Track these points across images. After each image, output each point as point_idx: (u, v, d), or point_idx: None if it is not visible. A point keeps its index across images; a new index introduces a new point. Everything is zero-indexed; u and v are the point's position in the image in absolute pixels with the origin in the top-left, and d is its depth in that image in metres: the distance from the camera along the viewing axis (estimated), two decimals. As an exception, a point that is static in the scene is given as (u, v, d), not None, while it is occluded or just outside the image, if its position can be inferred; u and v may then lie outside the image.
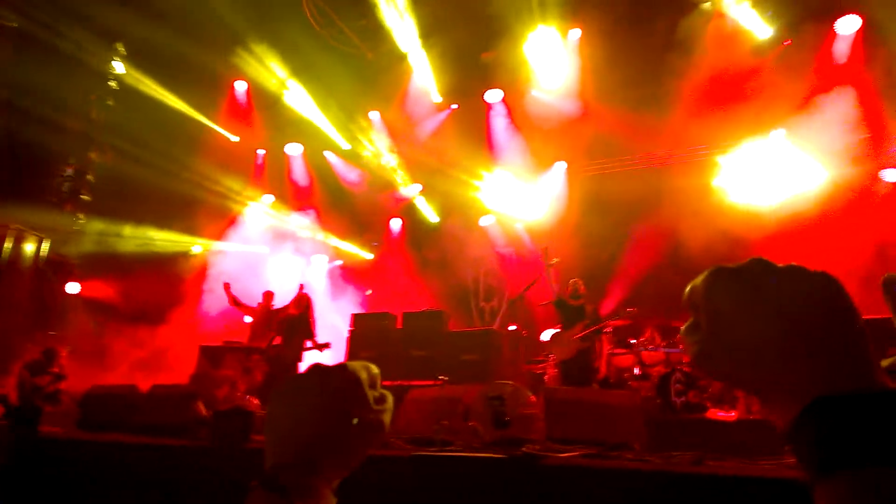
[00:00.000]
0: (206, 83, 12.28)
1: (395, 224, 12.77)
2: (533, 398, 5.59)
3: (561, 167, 11.26)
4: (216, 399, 7.54)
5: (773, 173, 9.25)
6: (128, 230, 12.10)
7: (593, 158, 11.02)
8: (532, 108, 11.21)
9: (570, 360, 7.41)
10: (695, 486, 3.94)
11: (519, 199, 11.41)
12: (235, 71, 12.14)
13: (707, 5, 9.49)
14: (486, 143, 11.66)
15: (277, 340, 8.19)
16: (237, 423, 5.43)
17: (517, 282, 10.94)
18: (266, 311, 9.16)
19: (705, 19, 9.54)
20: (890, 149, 8.80)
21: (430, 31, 11.09)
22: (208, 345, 9.42)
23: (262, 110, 12.82)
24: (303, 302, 8.38)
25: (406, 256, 12.24)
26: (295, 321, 8.27)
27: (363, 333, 9.36)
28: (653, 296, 9.59)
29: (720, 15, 9.52)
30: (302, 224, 12.31)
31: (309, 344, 8.27)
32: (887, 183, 8.75)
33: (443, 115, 12.04)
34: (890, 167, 8.75)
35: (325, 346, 8.16)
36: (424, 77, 11.68)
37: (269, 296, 9.60)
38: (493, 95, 11.56)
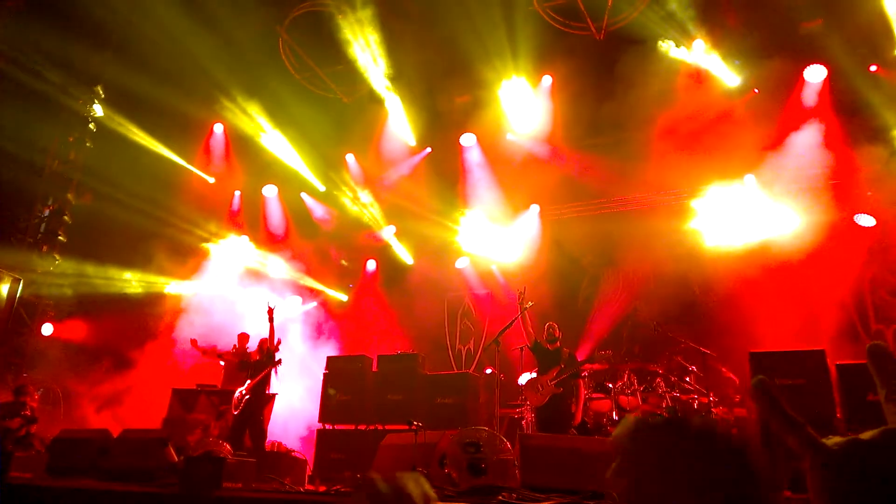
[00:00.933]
0: (183, 126, 12.33)
1: (370, 265, 12.73)
2: (508, 444, 5.52)
3: (534, 210, 11.39)
4: (188, 444, 7.33)
5: (745, 217, 9.43)
6: (103, 272, 11.91)
7: (567, 202, 11.16)
8: (506, 152, 11.38)
9: (545, 406, 7.30)
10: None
11: (494, 241, 11.48)
12: (213, 114, 12.21)
13: (676, 55, 9.79)
14: (460, 185, 11.76)
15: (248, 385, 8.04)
16: (207, 470, 5.27)
17: (493, 324, 10.93)
18: (240, 354, 9.00)
19: (675, 68, 9.84)
20: (861, 194, 9.03)
21: (405, 76, 11.31)
22: (181, 388, 9.21)
23: (239, 153, 12.85)
24: (263, 348, 8.26)
25: (381, 298, 12.17)
26: (259, 366, 8.13)
27: (338, 376, 9.22)
28: (628, 339, 9.63)
29: (689, 64, 9.82)
30: (277, 265, 12.20)
31: (271, 390, 8.17)
32: (862, 227, 8.93)
33: (417, 158, 12.16)
34: (863, 213, 8.95)
35: (277, 362, 8.12)
36: (399, 121, 11.83)
37: (243, 338, 9.47)
38: (467, 139, 11.72)
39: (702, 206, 9.82)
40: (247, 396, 7.88)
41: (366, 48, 10.64)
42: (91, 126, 12.51)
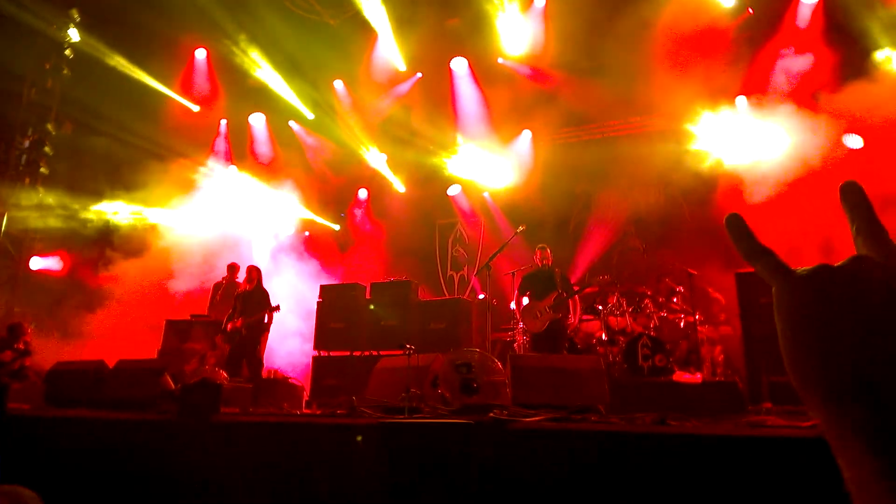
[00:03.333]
0: (164, 51, 11.91)
1: (362, 194, 12.66)
2: (500, 365, 5.67)
3: (527, 136, 11.25)
4: (185, 373, 7.50)
5: (737, 139, 9.37)
6: (88, 203, 11.79)
7: (559, 127, 11.02)
8: (497, 77, 11.12)
9: (544, 332, 7.32)
10: (657, 445, 4.07)
11: (485, 167, 11.39)
12: (195, 38, 11.78)
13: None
14: (451, 111, 11.56)
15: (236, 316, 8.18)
16: (206, 396, 5.41)
17: (486, 251, 11.01)
18: (230, 285, 9.08)
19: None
20: (849, 115, 8.96)
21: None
22: (175, 318, 9.31)
23: (224, 80, 12.49)
24: (253, 276, 8.35)
25: (373, 226, 12.18)
26: (248, 296, 8.24)
27: (332, 304, 9.33)
28: (618, 263, 9.75)
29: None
30: (266, 194, 12.11)
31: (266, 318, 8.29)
32: (849, 148, 8.92)
33: (408, 84, 11.87)
34: (851, 133, 8.92)
35: (275, 308, 8.25)
36: (388, 45, 11.47)
37: (232, 268, 9.51)
38: (458, 63, 11.42)
39: (695, 128, 9.72)
40: (240, 328, 8.02)
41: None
42: (67, 52, 12.07)
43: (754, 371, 7.12)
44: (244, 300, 8.30)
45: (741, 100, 9.38)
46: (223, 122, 12.91)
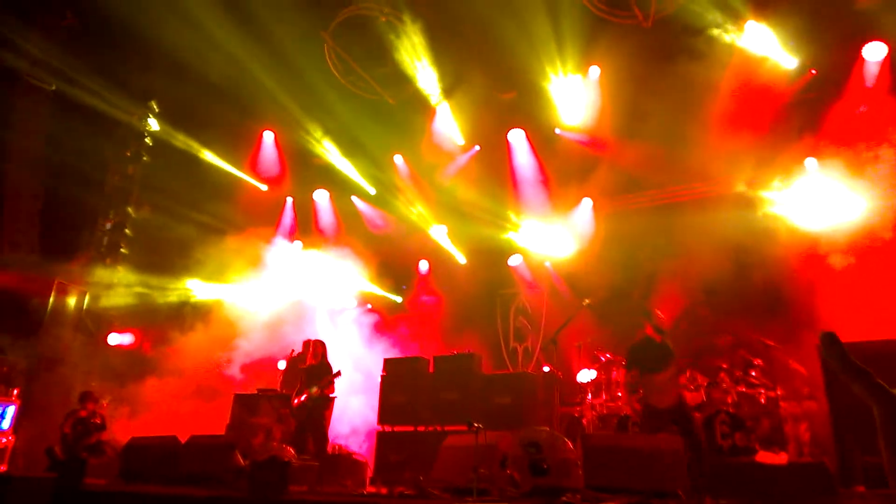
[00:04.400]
0: (234, 135, 12.67)
1: (423, 266, 12.79)
2: (570, 444, 5.46)
3: (587, 204, 11.23)
4: (253, 448, 7.55)
5: (810, 204, 9.07)
6: (163, 281, 12.37)
7: (619, 194, 10.98)
8: (556, 146, 11.24)
9: (672, 408, 6.54)
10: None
11: (546, 237, 11.37)
12: (263, 122, 12.50)
13: (727, 39, 9.46)
14: (510, 182, 11.69)
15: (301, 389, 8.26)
16: (274, 474, 5.41)
17: (549, 322, 10.83)
18: (299, 360, 9.22)
19: (727, 52, 9.51)
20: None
21: (451, 73, 11.26)
22: (242, 392, 9.46)
23: (290, 160, 13.12)
24: (318, 350, 8.47)
25: (435, 299, 12.23)
26: (314, 370, 8.34)
27: (395, 378, 9.29)
28: (689, 334, 9.38)
29: (741, 48, 9.48)
30: (330, 268, 12.38)
31: (332, 393, 8.34)
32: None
33: (466, 157, 12.13)
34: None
35: (337, 374, 8.29)
36: (447, 120, 11.82)
37: (307, 344, 9.65)
38: (516, 135, 11.63)
39: (765, 193, 9.48)
40: (306, 402, 8.07)
41: (411, 51, 10.68)
42: (147, 140, 13.01)
43: (845, 450, 6.59)
44: (309, 374, 8.39)
45: (811, 161, 9.11)
46: (289, 199, 13.46)
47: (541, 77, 10.68)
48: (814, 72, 9.29)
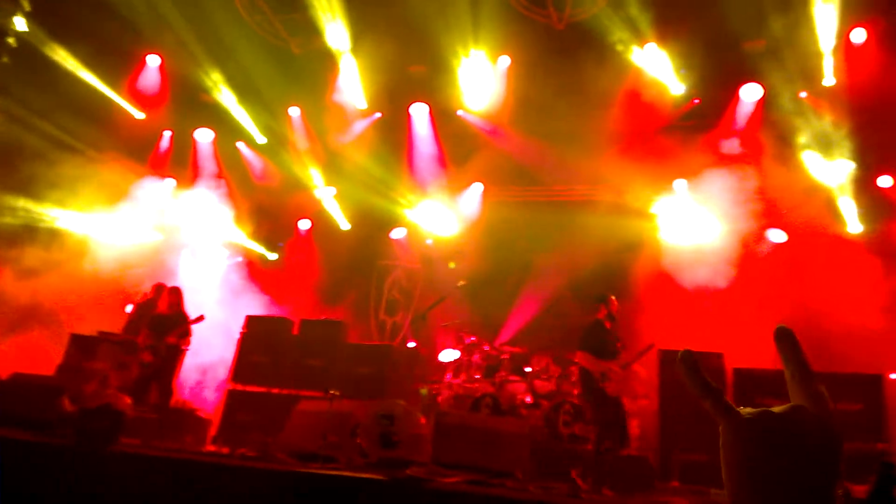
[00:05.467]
0: (114, 53, 11.49)
1: (303, 225, 12.40)
2: (423, 420, 5.55)
3: (478, 188, 11.41)
4: (84, 394, 6.98)
5: (675, 222, 9.78)
6: (11, 200, 11.06)
7: (509, 184, 11.25)
8: (455, 127, 11.28)
9: (617, 397, 6.32)
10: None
11: (433, 215, 11.42)
12: (150, 45, 11.44)
13: (629, 55, 9.93)
14: (405, 155, 11.60)
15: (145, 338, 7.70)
16: (105, 423, 5.02)
17: (423, 299, 10.93)
18: (149, 305, 8.62)
19: (626, 68, 9.99)
20: (778, 211, 9.52)
21: (362, 35, 10.93)
22: (81, 333, 8.70)
23: (175, 90, 12.11)
24: (173, 298, 7.92)
25: (311, 260, 11.92)
26: (166, 320, 7.80)
27: (256, 336, 8.98)
28: (551, 326, 9.87)
29: (640, 66, 9.99)
30: (203, 214, 11.66)
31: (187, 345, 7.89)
32: (771, 242, 9.45)
33: (366, 122, 11.86)
34: (777, 228, 9.47)
35: (199, 318, 7.80)
36: (351, 81, 11.47)
37: (158, 289, 9.04)
38: (418, 109, 11.53)
39: (639, 204, 10.11)
40: (156, 351, 7.58)
41: (325, 2, 10.21)
42: (10, 40, 11.48)
43: (667, 448, 7.26)
44: (160, 323, 7.84)
45: (681, 182, 9.82)
46: (167, 133, 12.48)
47: (451, 56, 10.63)
48: (697, 101, 9.97)
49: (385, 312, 11.83)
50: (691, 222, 9.69)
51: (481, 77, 10.73)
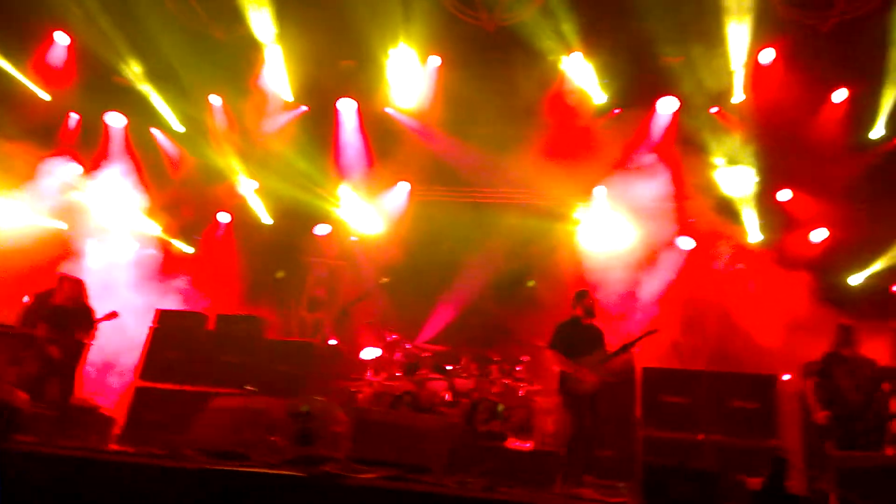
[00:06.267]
0: (18, 28, 10.69)
1: (223, 219, 11.98)
2: (343, 416, 5.49)
3: (403, 187, 11.41)
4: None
5: (595, 227, 10.17)
6: None
7: (435, 184, 11.32)
8: (383, 125, 11.22)
9: (596, 394, 6.36)
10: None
11: (358, 212, 11.32)
12: (57, 21, 10.71)
13: (556, 62, 10.19)
14: (331, 150, 11.43)
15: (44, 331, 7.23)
16: (-2, 420, 4.67)
17: (346, 296, 10.80)
18: (50, 297, 8.07)
19: (553, 75, 10.26)
20: (687, 219, 10.04)
21: (290, 26, 10.68)
22: (-28, 325, 8.07)
23: (84, 71, 11.38)
24: (73, 292, 7.48)
25: (230, 255, 11.54)
26: (67, 312, 7.35)
27: (168, 331, 8.61)
28: (473, 326, 10.03)
29: (565, 74, 10.28)
30: (113, 203, 11.04)
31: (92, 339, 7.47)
32: (681, 249, 9.96)
33: (290, 115, 11.60)
34: (686, 235, 10.00)
35: (111, 315, 7.50)
36: (277, 72, 11.18)
37: (62, 280, 8.48)
38: (346, 105, 11.39)
39: (559, 209, 10.40)
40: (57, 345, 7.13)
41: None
42: None
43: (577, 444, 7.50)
44: (62, 317, 7.36)
45: (601, 189, 10.19)
46: (74, 116, 11.72)
47: (381, 53, 10.56)
48: (617, 111, 10.37)
49: (307, 309, 11.61)
50: (609, 228, 10.06)
51: (410, 75, 10.72)
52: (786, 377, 8.04)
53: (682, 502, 3.67)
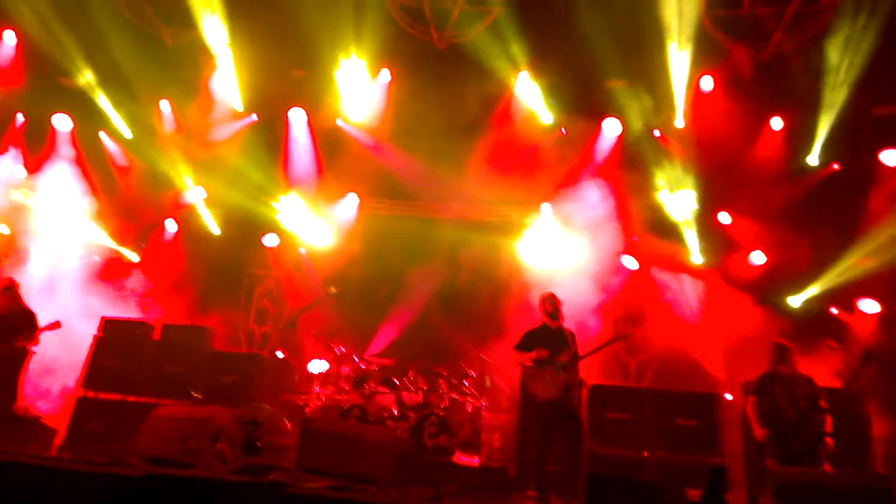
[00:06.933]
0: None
1: (170, 228, 11.77)
2: (289, 426, 5.52)
3: (353, 200, 11.48)
4: None
5: (543, 243, 10.41)
6: None
7: (384, 197, 11.45)
8: (334, 137, 11.28)
9: (558, 399, 6.19)
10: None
11: (308, 223, 11.32)
12: (6, 19, 10.42)
13: (505, 81, 10.49)
14: (281, 161, 11.41)
15: None
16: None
17: (293, 308, 10.76)
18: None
19: (501, 94, 10.57)
20: (630, 238, 10.39)
21: (242, 33, 10.67)
22: None
23: (32, 71, 11.06)
24: (10, 299, 7.29)
25: (176, 265, 11.34)
26: (6, 320, 7.16)
27: (112, 340, 8.43)
28: (421, 339, 10.13)
29: (513, 93, 10.59)
30: (56, 207, 10.73)
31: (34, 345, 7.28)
32: (626, 268, 10.31)
33: (241, 124, 11.54)
34: (629, 255, 10.35)
35: (54, 325, 7.31)
36: (228, 79, 11.13)
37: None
38: (297, 115, 11.42)
39: (508, 225, 10.67)
40: None
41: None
42: None
43: (525, 460, 7.64)
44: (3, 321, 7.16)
45: (546, 207, 10.50)
46: (20, 116, 11.38)
47: (332, 65, 10.66)
48: (563, 131, 10.74)
49: (255, 321, 11.52)
50: (554, 245, 10.33)
51: (361, 88, 10.86)
52: (728, 396, 8.30)
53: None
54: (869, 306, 9.13)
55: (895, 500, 4.43)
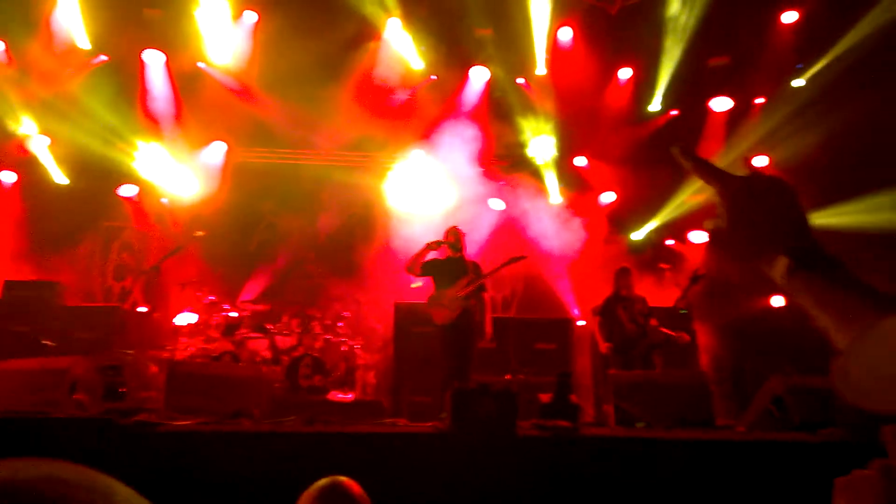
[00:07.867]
0: None
1: (7, 179, 10.65)
2: (155, 369, 5.37)
3: (220, 147, 10.98)
4: None
5: (416, 187, 10.61)
6: None
7: (254, 145, 11.05)
8: (196, 81, 10.66)
9: (455, 323, 6.47)
10: (305, 443, 4.39)
11: (169, 171, 10.69)
12: None
13: (376, 27, 10.41)
14: (139, 105, 10.61)
15: None
16: None
17: (155, 261, 10.23)
18: None
19: (373, 39, 10.49)
20: (498, 182, 10.87)
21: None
22: None
23: None
24: None
25: (17, 218, 10.34)
26: None
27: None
28: (295, 287, 10.10)
29: (386, 39, 10.55)
30: None
31: None
32: (492, 210, 10.78)
33: (90, 64, 10.55)
34: (497, 197, 10.83)
35: None
36: (72, 15, 10.09)
37: None
38: (153, 57, 10.63)
39: (383, 169, 10.75)
40: None
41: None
42: None
43: (398, 391, 8.06)
44: None
45: (418, 151, 10.67)
46: None
47: (191, 4, 10.01)
48: (434, 77, 10.89)
49: (113, 277, 10.81)
50: (424, 188, 10.57)
51: (225, 30, 10.31)
52: (581, 322, 9.24)
53: (486, 417, 4.17)
54: (698, 237, 10.32)
55: (709, 392, 5.24)
